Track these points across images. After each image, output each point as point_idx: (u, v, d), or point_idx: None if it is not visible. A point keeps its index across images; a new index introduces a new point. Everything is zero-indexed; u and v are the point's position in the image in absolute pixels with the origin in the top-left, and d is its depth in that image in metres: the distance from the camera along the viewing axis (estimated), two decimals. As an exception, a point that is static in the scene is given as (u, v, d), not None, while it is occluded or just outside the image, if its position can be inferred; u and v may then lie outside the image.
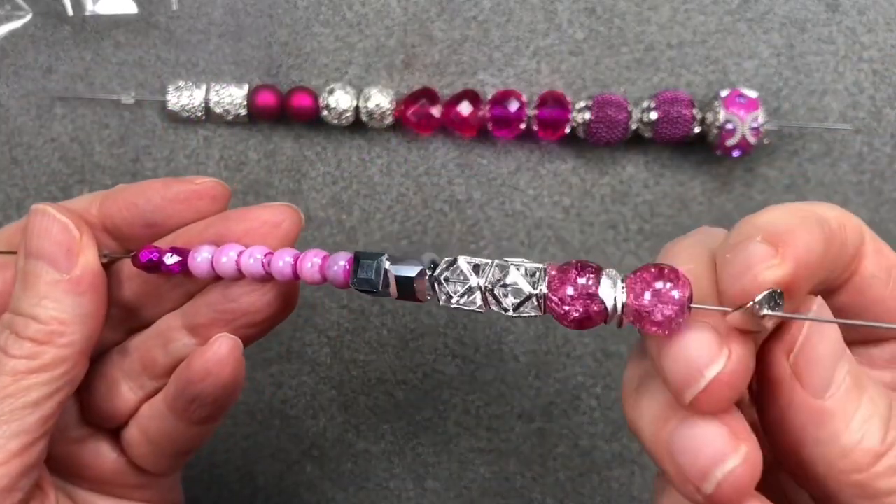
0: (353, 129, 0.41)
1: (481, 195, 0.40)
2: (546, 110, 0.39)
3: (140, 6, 0.41)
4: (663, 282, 0.19)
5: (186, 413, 0.26)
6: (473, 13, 0.40)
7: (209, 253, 0.25)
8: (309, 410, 0.41)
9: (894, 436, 0.19)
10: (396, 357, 0.40)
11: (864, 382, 0.20)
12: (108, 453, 0.28)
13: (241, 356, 0.26)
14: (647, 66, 0.40)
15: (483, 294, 0.21)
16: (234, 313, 0.25)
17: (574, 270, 0.20)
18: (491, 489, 0.41)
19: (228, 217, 0.26)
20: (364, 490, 0.41)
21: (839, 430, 0.19)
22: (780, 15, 0.40)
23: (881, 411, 0.19)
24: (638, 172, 0.40)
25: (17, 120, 0.41)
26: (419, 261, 0.23)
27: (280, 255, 0.25)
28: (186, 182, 0.26)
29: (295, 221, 0.26)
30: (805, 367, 0.19)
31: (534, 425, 0.41)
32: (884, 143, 0.40)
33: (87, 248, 0.25)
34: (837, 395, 0.19)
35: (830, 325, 0.19)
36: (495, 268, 0.21)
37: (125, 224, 0.26)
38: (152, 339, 0.27)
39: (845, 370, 0.19)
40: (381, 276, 0.23)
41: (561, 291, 0.20)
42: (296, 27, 0.41)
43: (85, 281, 0.24)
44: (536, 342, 0.40)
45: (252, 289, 0.25)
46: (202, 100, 0.40)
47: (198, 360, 0.25)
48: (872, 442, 0.19)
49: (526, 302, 0.21)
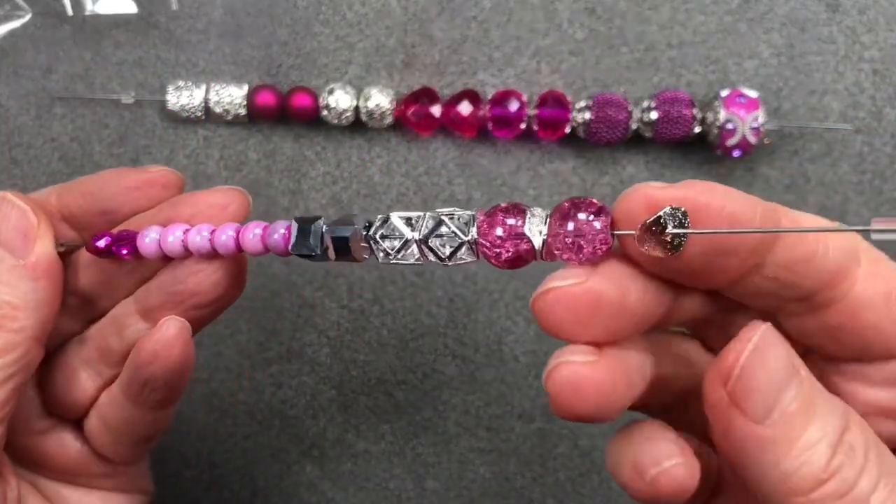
0: (353, 129, 0.41)
1: (481, 195, 0.40)
2: (546, 110, 0.39)
3: (140, 6, 0.41)
4: (585, 213, 0.20)
5: (140, 398, 0.27)
6: (473, 13, 0.40)
7: (157, 233, 0.25)
8: (309, 410, 0.41)
9: (840, 461, 0.18)
10: (396, 357, 0.40)
11: (815, 405, 0.19)
12: (72, 443, 0.28)
13: (189, 338, 0.26)
14: (647, 66, 0.40)
15: (419, 246, 0.22)
16: (183, 294, 0.26)
17: (500, 213, 0.21)
18: (491, 489, 0.41)
19: (177, 202, 0.26)
20: (364, 490, 0.41)
21: (780, 456, 0.18)
22: (781, 15, 0.40)
23: (830, 436, 0.19)
24: (638, 172, 0.40)
25: (16, 120, 0.41)
26: (353, 221, 0.23)
27: (223, 229, 0.25)
28: (139, 171, 0.27)
29: (242, 204, 0.26)
30: (743, 396, 0.19)
31: (534, 425, 0.40)
32: (884, 143, 0.40)
33: (44, 235, 0.25)
34: (781, 421, 0.19)
35: (776, 351, 0.19)
36: (428, 219, 0.22)
37: (81, 213, 0.27)
38: (108, 327, 0.27)
39: (792, 394, 0.19)
40: (318, 239, 0.23)
41: (491, 235, 0.21)
42: (296, 27, 0.41)
43: (40, 267, 0.25)
44: (536, 342, 0.40)
45: (199, 269, 0.26)
46: (202, 100, 0.40)
47: (146, 344, 0.26)
48: (815, 468, 0.18)
49: (459, 248, 0.22)
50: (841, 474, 0.18)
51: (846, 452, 0.19)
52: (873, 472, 0.19)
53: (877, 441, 0.20)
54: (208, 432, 0.41)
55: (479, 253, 0.22)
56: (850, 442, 0.19)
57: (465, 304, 0.40)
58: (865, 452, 0.19)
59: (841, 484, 0.18)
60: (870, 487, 0.18)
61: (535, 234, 0.21)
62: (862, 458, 0.19)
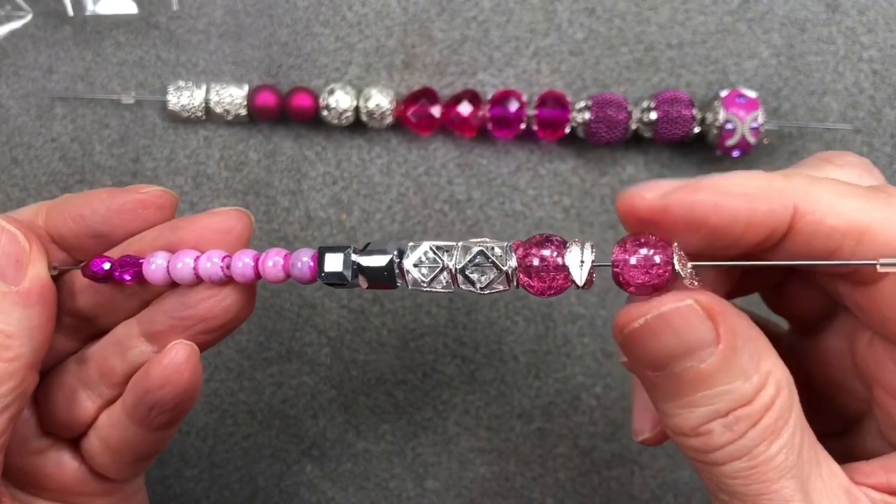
0: (353, 129, 0.41)
1: (481, 195, 0.40)
2: (546, 110, 0.39)
3: (140, 6, 0.41)
4: (647, 248, 0.21)
5: (146, 420, 0.26)
6: (473, 13, 0.40)
7: (164, 260, 0.25)
8: (309, 410, 0.41)
9: (710, 428, 0.20)
10: (396, 357, 0.40)
11: (714, 377, 0.20)
12: (70, 463, 0.28)
13: (198, 361, 0.26)
14: (647, 66, 0.40)
15: (455, 275, 0.22)
16: (192, 319, 0.25)
17: (538, 245, 0.22)
18: (491, 489, 0.41)
19: (177, 226, 0.26)
20: (364, 490, 0.41)
21: (660, 399, 0.21)
22: (780, 15, 0.40)
23: (717, 406, 0.20)
24: (638, 172, 0.40)
25: (17, 120, 0.41)
26: (386, 249, 0.23)
27: (239, 256, 0.25)
28: (131, 192, 0.26)
29: (247, 226, 0.26)
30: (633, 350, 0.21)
31: (534, 425, 0.41)
32: (883, 143, 0.40)
33: (37, 260, 0.24)
34: (667, 376, 0.21)
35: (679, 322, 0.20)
36: (461, 249, 0.23)
37: (72, 235, 0.26)
38: (109, 348, 0.27)
39: (687, 364, 0.20)
40: (349, 268, 0.24)
41: (531, 265, 0.22)
42: (296, 27, 0.41)
43: (34, 293, 0.24)
44: (536, 342, 0.40)
45: (210, 294, 0.25)
46: (202, 100, 0.40)
47: (155, 368, 0.25)
48: (685, 425, 0.21)
49: (497, 279, 0.22)
50: (706, 438, 0.20)
51: (726, 424, 0.20)
52: (738, 448, 0.20)
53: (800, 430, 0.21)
54: (208, 432, 0.41)
55: (520, 283, 0.22)
56: (737, 416, 0.20)
57: (465, 304, 0.40)
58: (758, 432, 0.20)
59: (703, 444, 0.20)
60: (724, 458, 0.20)
61: (574, 265, 0.22)
62: (737, 434, 0.20)
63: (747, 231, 0.20)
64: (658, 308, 0.20)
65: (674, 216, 0.20)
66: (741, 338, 0.20)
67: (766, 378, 0.20)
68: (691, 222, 0.20)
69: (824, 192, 0.20)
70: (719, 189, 0.20)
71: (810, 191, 0.20)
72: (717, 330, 0.20)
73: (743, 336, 0.20)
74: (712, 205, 0.20)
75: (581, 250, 0.22)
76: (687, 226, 0.20)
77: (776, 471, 0.20)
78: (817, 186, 0.20)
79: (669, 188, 0.21)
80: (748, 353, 0.20)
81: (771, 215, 0.20)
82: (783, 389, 0.20)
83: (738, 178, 0.20)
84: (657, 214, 0.21)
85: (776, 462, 0.20)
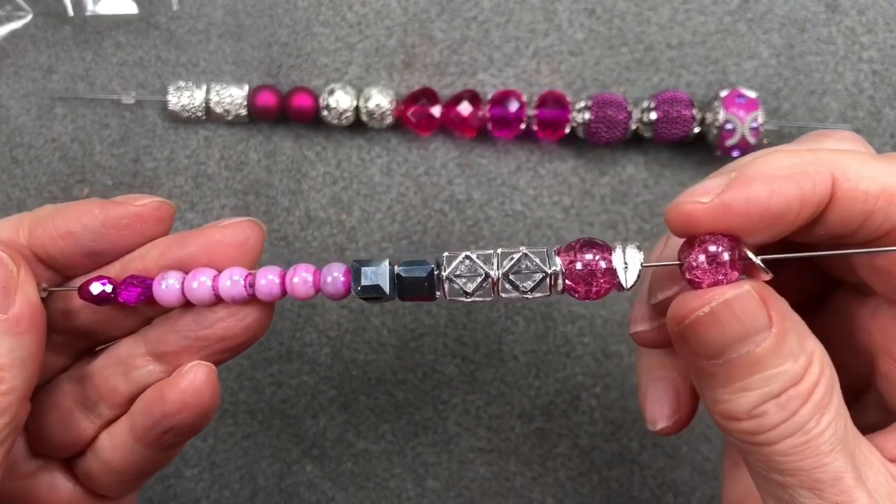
0: (353, 129, 0.41)
1: (481, 195, 0.40)
2: (546, 110, 0.39)
3: (140, 6, 0.41)
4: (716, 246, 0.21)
5: (157, 443, 0.25)
6: (473, 13, 0.40)
7: (176, 279, 0.23)
8: (309, 410, 0.41)
9: (765, 409, 0.21)
10: (396, 357, 0.40)
11: (764, 360, 0.21)
12: (64, 484, 0.26)
13: (216, 381, 0.24)
14: (647, 66, 0.40)
15: (494, 282, 0.22)
16: (209, 339, 0.24)
17: (581, 249, 0.22)
18: (491, 489, 0.41)
19: (187, 242, 0.24)
20: (364, 490, 0.41)
21: (715, 387, 0.21)
22: (780, 15, 0.40)
23: (770, 388, 0.21)
24: (638, 172, 0.40)
25: (17, 120, 0.41)
26: (426, 261, 0.23)
27: (263, 273, 0.23)
28: (125, 204, 0.24)
29: (259, 237, 0.24)
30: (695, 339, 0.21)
31: (534, 425, 0.41)
32: (883, 143, 0.40)
33: (26, 284, 0.22)
34: (725, 365, 0.21)
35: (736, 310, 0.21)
36: (501, 256, 0.23)
37: (62, 255, 0.24)
38: (111, 367, 0.25)
39: (744, 349, 0.21)
40: (387, 281, 0.23)
41: (576, 269, 0.22)
42: (296, 27, 0.41)
43: (24, 320, 0.22)
44: (536, 342, 0.40)
45: (229, 313, 0.24)
46: (202, 100, 0.40)
47: (172, 392, 0.24)
48: (739, 409, 0.21)
49: (542, 282, 0.22)
50: (760, 420, 0.21)
51: (779, 404, 0.20)
52: (791, 425, 0.21)
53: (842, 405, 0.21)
54: (208, 432, 0.41)
55: (566, 289, 0.22)
56: (789, 396, 0.20)
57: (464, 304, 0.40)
58: (809, 408, 0.20)
59: (757, 426, 0.21)
60: (778, 437, 0.21)
61: (620, 267, 0.22)
62: (790, 412, 0.20)
63: (802, 210, 0.21)
64: (722, 295, 0.21)
65: (736, 213, 0.21)
66: (788, 320, 0.21)
67: (811, 358, 0.21)
68: (753, 215, 0.21)
69: (851, 161, 0.21)
70: (768, 175, 0.21)
71: (839, 161, 0.21)
72: (769, 314, 0.20)
73: (789, 319, 0.21)
74: (768, 193, 0.20)
75: (624, 252, 0.22)
76: (749, 219, 0.21)
77: (828, 443, 0.20)
78: (843, 157, 0.21)
79: (719, 188, 0.21)
80: (795, 335, 0.21)
81: (818, 189, 0.21)
82: (826, 367, 0.21)
83: (778, 159, 0.21)
84: (719, 216, 0.21)
85: (826, 436, 0.20)
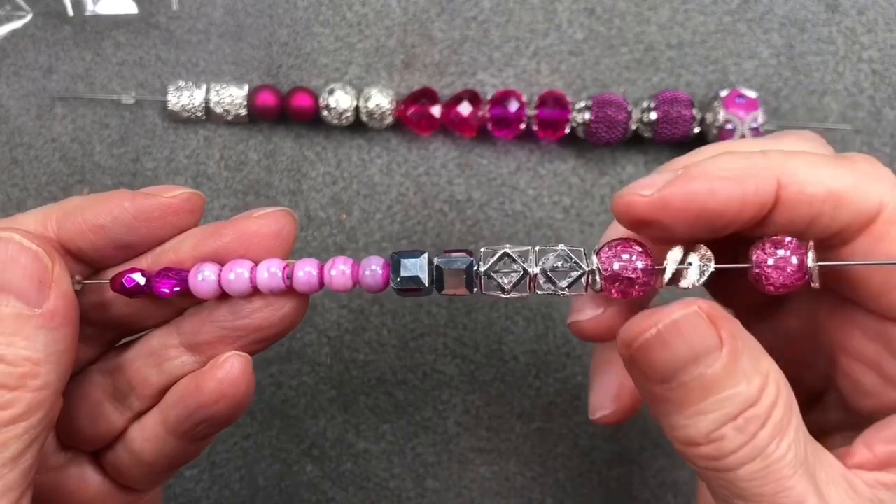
0: (353, 129, 0.41)
1: (481, 195, 0.40)
2: (546, 110, 0.39)
3: (140, 6, 0.41)
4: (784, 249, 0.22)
5: (190, 434, 0.25)
6: (473, 13, 0.40)
7: (212, 271, 0.23)
8: (309, 410, 0.41)
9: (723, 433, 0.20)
10: (396, 357, 0.40)
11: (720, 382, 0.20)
12: (92, 477, 0.26)
13: (251, 372, 0.24)
14: (646, 66, 0.40)
15: (532, 278, 0.23)
16: (245, 330, 0.24)
17: (619, 247, 0.23)
18: (491, 489, 0.41)
19: (221, 233, 0.24)
20: (364, 490, 0.41)
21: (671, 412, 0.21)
22: (780, 15, 0.40)
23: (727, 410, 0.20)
24: (638, 172, 0.40)
25: (17, 120, 0.41)
26: (466, 255, 0.23)
27: (301, 265, 0.23)
28: (156, 197, 0.24)
29: (292, 226, 0.24)
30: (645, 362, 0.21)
31: (534, 425, 0.41)
32: (883, 143, 0.40)
33: (61, 278, 0.22)
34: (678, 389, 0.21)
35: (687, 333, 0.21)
36: (539, 253, 0.23)
37: (91, 248, 0.24)
38: (143, 359, 0.25)
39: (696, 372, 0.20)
40: (426, 273, 0.23)
41: (615, 267, 0.23)
42: (296, 27, 0.41)
43: (59, 314, 0.22)
44: (536, 342, 0.40)
45: (266, 303, 0.24)
46: (202, 100, 0.40)
47: (209, 383, 0.24)
48: (697, 433, 0.21)
49: (579, 279, 0.23)
50: (719, 444, 0.20)
51: (737, 427, 0.20)
52: (751, 450, 0.20)
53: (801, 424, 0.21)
54: (208, 432, 0.41)
55: (603, 288, 0.23)
56: (746, 418, 0.20)
57: (464, 304, 0.40)
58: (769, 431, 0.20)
59: (716, 450, 0.20)
60: (738, 462, 0.20)
61: (671, 267, 0.22)
62: (749, 435, 0.20)
63: (742, 210, 0.21)
64: (669, 317, 0.20)
65: (675, 208, 0.21)
66: (740, 340, 0.20)
67: (766, 378, 0.20)
68: (691, 211, 0.21)
69: (800, 164, 0.21)
70: (711, 175, 0.21)
71: (787, 164, 0.21)
72: (719, 335, 0.20)
73: (741, 339, 0.21)
74: (707, 191, 0.21)
75: (685, 252, 0.22)
76: (686, 215, 0.21)
77: (789, 467, 0.20)
78: (793, 159, 0.21)
79: (661, 183, 0.21)
80: (747, 355, 0.20)
81: (761, 191, 0.21)
82: (782, 387, 0.21)
83: (726, 160, 0.21)
84: (658, 210, 0.21)
85: (787, 459, 0.20)
